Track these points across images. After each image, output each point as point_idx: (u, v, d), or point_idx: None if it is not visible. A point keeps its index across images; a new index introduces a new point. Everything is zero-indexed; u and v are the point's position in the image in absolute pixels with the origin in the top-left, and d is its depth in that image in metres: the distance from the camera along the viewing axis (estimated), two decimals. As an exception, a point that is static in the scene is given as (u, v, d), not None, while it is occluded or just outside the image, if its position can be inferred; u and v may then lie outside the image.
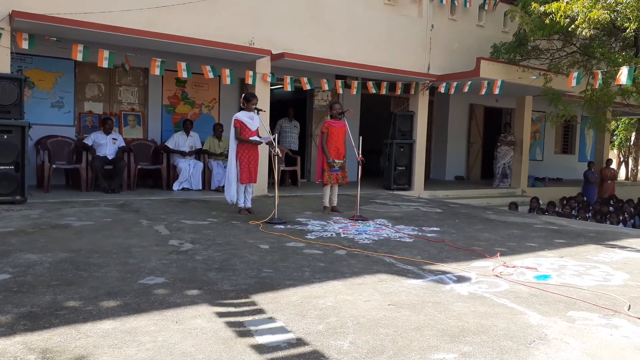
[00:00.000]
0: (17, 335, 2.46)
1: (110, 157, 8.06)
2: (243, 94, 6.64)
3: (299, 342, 2.54)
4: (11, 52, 6.72)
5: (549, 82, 9.31)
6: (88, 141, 8.06)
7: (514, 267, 4.26)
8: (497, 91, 9.47)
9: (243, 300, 3.13)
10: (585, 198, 12.39)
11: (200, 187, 8.70)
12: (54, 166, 7.74)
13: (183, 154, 8.69)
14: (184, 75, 7.76)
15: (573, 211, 10.74)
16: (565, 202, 11.31)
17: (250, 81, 8.38)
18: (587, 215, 10.74)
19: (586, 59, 9.33)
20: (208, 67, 7.98)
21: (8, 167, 6.27)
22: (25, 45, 6.86)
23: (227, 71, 8.05)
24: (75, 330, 2.56)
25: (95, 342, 2.43)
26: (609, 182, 13.97)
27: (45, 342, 2.40)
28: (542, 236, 5.86)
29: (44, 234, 4.78)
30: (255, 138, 6.36)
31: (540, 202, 10.94)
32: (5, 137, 6.27)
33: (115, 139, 8.24)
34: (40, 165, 7.84)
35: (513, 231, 6.13)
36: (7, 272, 3.50)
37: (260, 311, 2.95)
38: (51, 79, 8.49)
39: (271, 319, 2.83)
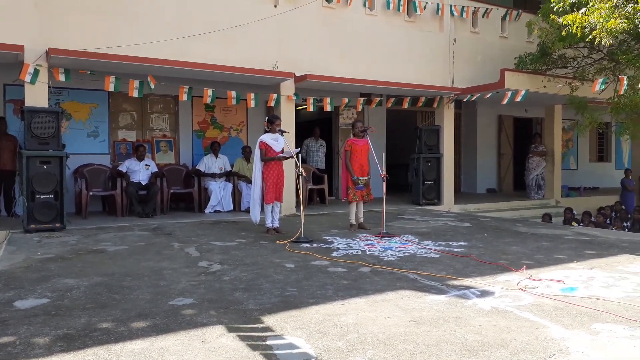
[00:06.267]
0: (53, 356, 2.62)
1: (143, 183, 8.36)
2: (267, 117, 6.83)
3: (319, 358, 2.61)
4: (49, 87, 7.11)
5: (575, 91, 9.18)
6: (122, 168, 8.40)
7: (540, 280, 4.22)
8: (519, 99, 9.40)
9: (266, 319, 3.22)
10: (623, 207, 12.04)
11: (231, 208, 8.91)
12: (91, 193, 8.08)
13: (214, 176, 8.94)
14: (209, 101, 8.00)
15: (608, 220, 10.45)
16: (601, 211, 11.03)
17: (273, 104, 8.59)
18: (625, 224, 10.44)
19: (614, 65, 9.19)
20: (233, 93, 8.21)
21: (48, 196, 6.60)
22: (62, 77, 7.22)
23: (252, 95, 8.28)
24: (108, 350, 2.70)
25: (125, 361, 2.57)
26: (649, 189, 13.52)
27: (79, 362, 2.55)
28: (572, 248, 5.76)
29: (81, 259, 5.01)
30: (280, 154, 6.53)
31: (575, 212, 10.70)
32: (45, 167, 6.61)
33: (148, 165, 8.54)
34: (78, 193, 8.20)
35: (543, 243, 6.04)
36: (46, 296, 3.70)
37: (283, 329, 3.04)
38: (86, 110, 8.91)
39: (293, 337, 2.91)
